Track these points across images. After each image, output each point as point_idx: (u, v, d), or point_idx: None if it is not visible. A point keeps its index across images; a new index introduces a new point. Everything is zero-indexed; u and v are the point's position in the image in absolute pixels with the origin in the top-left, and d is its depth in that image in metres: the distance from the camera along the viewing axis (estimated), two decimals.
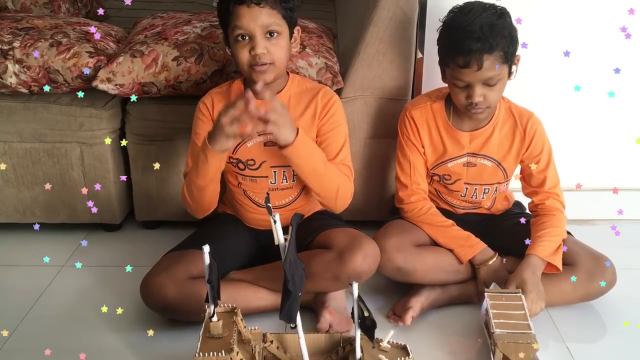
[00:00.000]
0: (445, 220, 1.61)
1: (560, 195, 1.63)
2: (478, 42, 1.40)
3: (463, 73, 1.45)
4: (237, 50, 1.43)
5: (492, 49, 1.41)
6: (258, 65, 1.41)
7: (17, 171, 1.81)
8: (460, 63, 1.44)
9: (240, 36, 1.41)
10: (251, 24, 1.39)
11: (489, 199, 1.66)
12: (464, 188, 1.64)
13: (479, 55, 1.41)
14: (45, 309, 1.58)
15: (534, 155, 1.60)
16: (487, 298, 1.44)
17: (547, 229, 1.55)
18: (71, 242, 1.86)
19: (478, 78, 1.44)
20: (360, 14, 1.85)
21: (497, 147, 1.59)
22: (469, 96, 1.47)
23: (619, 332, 1.52)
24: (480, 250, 1.56)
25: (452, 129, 1.59)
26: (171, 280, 1.42)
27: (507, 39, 1.44)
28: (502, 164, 1.60)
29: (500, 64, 1.44)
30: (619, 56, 1.84)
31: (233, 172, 1.56)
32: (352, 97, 1.76)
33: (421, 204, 1.62)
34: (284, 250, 1.08)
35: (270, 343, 1.30)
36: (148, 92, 1.76)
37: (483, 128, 1.58)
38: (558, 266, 1.51)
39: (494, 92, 1.47)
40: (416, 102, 1.65)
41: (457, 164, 1.61)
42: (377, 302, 1.59)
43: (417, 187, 1.63)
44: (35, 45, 1.74)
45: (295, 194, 1.58)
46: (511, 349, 1.31)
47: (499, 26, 1.43)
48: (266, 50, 1.41)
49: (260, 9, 1.39)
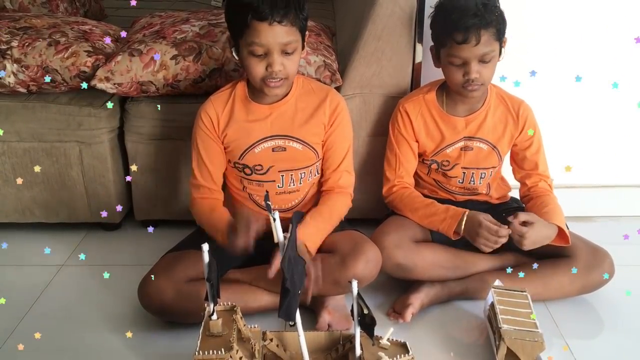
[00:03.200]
0: (425, 200, 1.63)
1: (550, 178, 1.67)
2: (475, 18, 1.46)
3: (461, 49, 1.48)
4: (250, 63, 1.40)
5: (488, 24, 1.46)
6: (273, 81, 1.40)
7: (16, 171, 1.81)
8: (458, 39, 1.47)
9: (256, 51, 1.38)
10: (271, 41, 1.36)
11: (485, 185, 1.69)
12: (461, 173, 1.66)
13: (476, 30, 1.46)
14: (44, 308, 1.58)
15: (526, 139, 1.64)
16: (493, 293, 1.44)
17: (549, 205, 1.58)
18: (70, 242, 1.86)
19: (475, 54, 1.48)
20: (358, 12, 1.84)
21: (491, 130, 1.62)
22: (466, 73, 1.50)
23: (617, 328, 1.52)
24: (461, 216, 1.54)
25: (447, 115, 1.62)
26: (169, 283, 1.41)
27: (498, 17, 1.49)
28: (497, 147, 1.63)
29: (494, 40, 1.48)
30: (619, 55, 1.84)
31: (238, 177, 1.56)
32: (350, 94, 1.76)
33: (401, 192, 1.65)
34: (283, 249, 1.08)
35: (270, 341, 1.30)
36: (146, 91, 1.76)
37: (477, 112, 1.61)
38: (568, 234, 1.52)
39: (488, 69, 1.51)
40: (409, 96, 1.69)
41: (455, 148, 1.63)
42: (377, 300, 1.59)
43: (399, 180, 1.66)
44: (34, 45, 1.74)
45: (302, 197, 1.58)
46: (518, 345, 1.32)
47: (491, 5, 1.49)
48: (282, 66, 1.39)
49: (282, 27, 1.36)
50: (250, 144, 1.50)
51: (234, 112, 1.50)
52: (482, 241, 1.48)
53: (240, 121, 1.50)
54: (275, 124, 1.50)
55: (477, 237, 1.49)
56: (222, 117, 1.50)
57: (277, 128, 1.50)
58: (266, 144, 1.51)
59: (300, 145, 1.52)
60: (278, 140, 1.51)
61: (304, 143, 1.52)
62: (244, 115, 1.51)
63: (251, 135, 1.50)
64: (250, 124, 1.50)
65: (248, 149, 1.51)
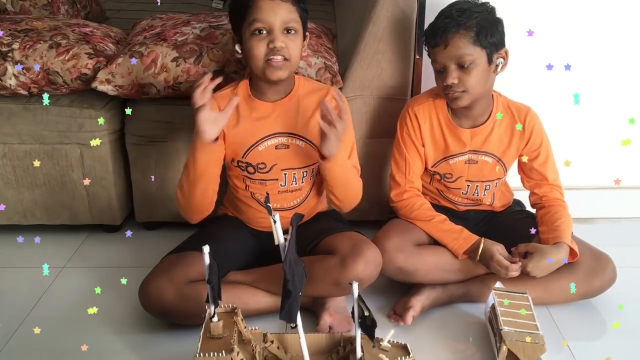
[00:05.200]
0: (438, 215, 1.62)
1: (561, 186, 1.65)
2: (445, 20, 1.48)
3: (435, 53, 1.50)
4: (253, 44, 1.42)
5: (458, 26, 1.46)
6: (275, 60, 1.41)
7: (17, 173, 1.81)
8: (431, 42, 1.50)
9: (258, 30, 1.41)
10: (272, 17, 1.40)
11: (489, 195, 1.67)
12: (465, 185, 1.65)
13: (444, 32, 1.47)
14: (46, 310, 1.58)
15: (533, 149, 1.61)
16: (494, 295, 1.44)
17: (562, 218, 1.57)
18: (71, 244, 1.86)
19: (448, 56, 1.48)
20: (359, 14, 1.85)
21: (497, 143, 1.60)
22: (444, 79, 1.50)
23: (618, 329, 1.51)
24: (473, 242, 1.55)
25: (453, 125, 1.60)
26: (170, 284, 1.41)
27: (481, 24, 1.47)
28: (502, 159, 1.61)
29: (471, 44, 1.46)
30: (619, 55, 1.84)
31: (241, 176, 1.56)
32: (351, 96, 1.76)
33: (414, 201, 1.63)
34: (284, 250, 1.08)
35: (271, 343, 1.30)
36: (147, 93, 1.76)
37: (483, 125, 1.59)
38: (576, 250, 1.52)
39: (470, 76, 1.48)
40: (418, 98, 1.66)
41: (459, 161, 1.62)
42: (378, 302, 1.59)
43: (410, 185, 1.64)
44: (35, 47, 1.75)
45: (304, 196, 1.58)
46: (519, 347, 1.32)
47: (473, 11, 1.48)
48: (284, 44, 1.41)
49: (281, 3, 1.40)
50: (254, 142, 1.50)
51: (237, 110, 1.50)
52: (492, 271, 1.53)
53: (243, 118, 1.51)
54: (279, 122, 1.51)
55: (489, 267, 1.54)
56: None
57: (281, 125, 1.51)
58: (270, 142, 1.51)
59: (303, 143, 1.52)
60: (281, 138, 1.51)
61: (307, 141, 1.52)
62: (247, 112, 1.51)
63: (255, 132, 1.50)
64: (254, 122, 1.50)
65: (252, 146, 1.51)
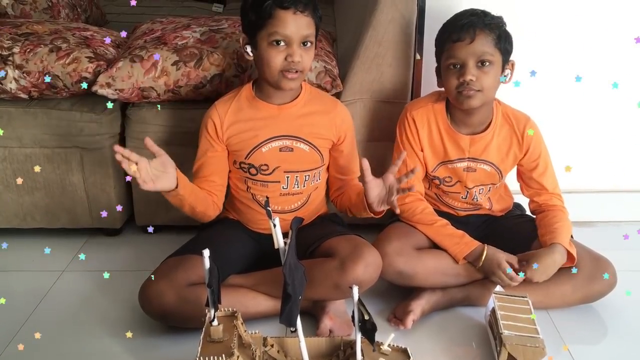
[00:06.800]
0: (440, 220, 1.62)
1: (561, 194, 1.65)
2: (472, 16, 1.49)
3: (457, 47, 1.49)
4: (270, 53, 1.42)
5: (484, 25, 1.48)
6: (291, 72, 1.42)
7: (17, 176, 1.81)
8: (454, 37, 1.49)
9: (276, 41, 1.41)
10: (294, 31, 1.40)
11: (485, 199, 1.67)
12: (464, 190, 1.65)
13: (471, 27, 1.47)
14: (46, 313, 1.58)
15: (532, 160, 1.61)
16: (495, 299, 1.44)
17: (560, 222, 1.57)
18: (71, 247, 1.86)
19: (471, 51, 1.47)
20: (359, 18, 1.85)
21: (496, 151, 1.60)
22: (462, 75, 1.49)
23: (618, 333, 1.52)
24: (474, 247, 1.55)
25: (453, 130, 1.60)
26: (170, 287, 1.41)
27: (499, 29, 1.50)
28: (499, 168, 1.62)
29: (493, 45, 1.48)
30: (619, 57, 1.85)
31: (243, 177, 1.56)
32: (351, 100, 1.76)
33: (416, 205, 1.63)
34: (283, 254, 1.09)
35: (271, 347, 1.30)
36: (148, 97, 1.76)
37: (483, 133, 1.59)
38: (574, 254, 1.52)
39: (487, 76, 1.49)
40: (417, 102, 1.66)
41: (458, 167, 1.62)
42: (378, 306, 1.59)
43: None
44: (35, 51, 1.75)
45: (305, 199, 1.59)
46: (519, 351, 1.32)
47: (494, 16, 1.51)
48: (301, 58, 1.42)
49: (304, 18, 1.41)
50: (258, 143, 1.51)
51: (239, 111, 1.51)
52: (496, 279, 1.53)
53: (246, 119, 1.51)
54: (284, 124, 1.51)
55: (492, 275, 1.53)
56: (227, 118, 1.51)
57: (286, 128, 1.51)
58: (274, 144, 1.51)
59: (308, 147, 1.52)
60: (286, 141, 1.51)
61: (311, 145, 1.52)
62: (251, 113, 1.51)
63: (258, 134, 1.51)
64: (258, 123, 1.51)
65: (255, 148, 1.51)
